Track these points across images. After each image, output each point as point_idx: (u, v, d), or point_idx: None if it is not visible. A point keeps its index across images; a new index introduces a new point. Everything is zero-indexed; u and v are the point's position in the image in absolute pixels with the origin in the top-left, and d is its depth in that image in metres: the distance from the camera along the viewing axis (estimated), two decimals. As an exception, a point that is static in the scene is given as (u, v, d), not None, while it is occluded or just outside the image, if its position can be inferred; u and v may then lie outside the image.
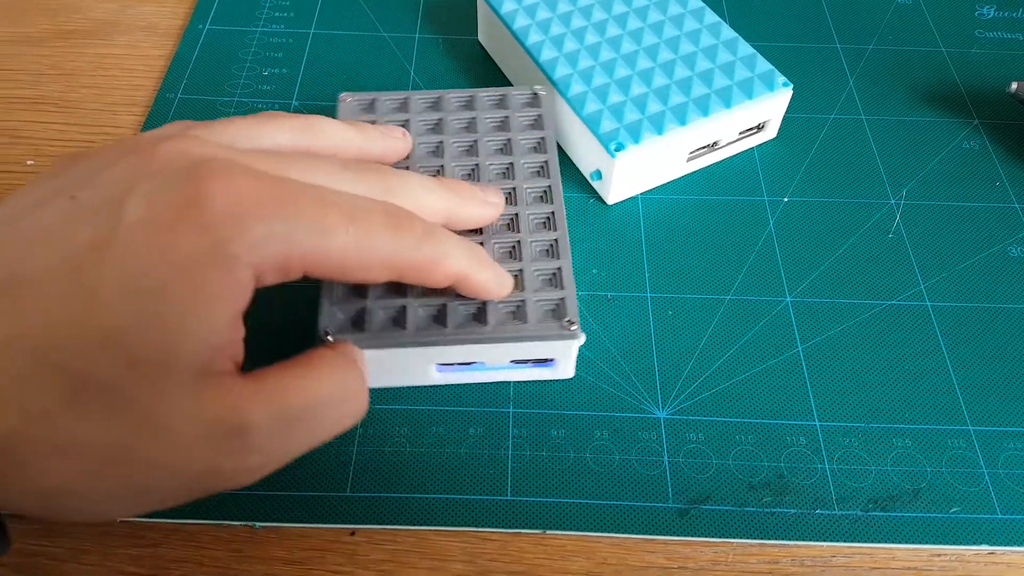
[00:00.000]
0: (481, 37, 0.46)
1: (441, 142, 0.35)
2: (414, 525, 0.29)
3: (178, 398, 0.21)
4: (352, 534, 0.30)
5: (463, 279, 0.27)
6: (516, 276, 0.31)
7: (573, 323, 0.30)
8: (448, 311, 0.30)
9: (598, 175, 0.38)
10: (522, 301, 0.30)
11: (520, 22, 0.41)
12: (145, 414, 0.21)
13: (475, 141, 0.35)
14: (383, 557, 0.29)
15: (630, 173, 0.37)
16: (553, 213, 0.33)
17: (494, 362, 0.31)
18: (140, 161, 0.23)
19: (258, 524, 0.29)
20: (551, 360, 0.32)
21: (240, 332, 0.23)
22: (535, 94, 0.37)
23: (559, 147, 0.40)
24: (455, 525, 0.30)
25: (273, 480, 0.30)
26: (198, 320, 0.21)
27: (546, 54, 0.39)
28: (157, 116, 0.42)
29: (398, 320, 0.30)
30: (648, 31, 0.40)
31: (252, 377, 0.23)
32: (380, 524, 0.29)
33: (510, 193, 0.33)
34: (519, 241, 0.32)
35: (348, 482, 0.30)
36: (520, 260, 0.32)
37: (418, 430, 0.32)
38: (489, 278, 0.28)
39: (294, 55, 0.45)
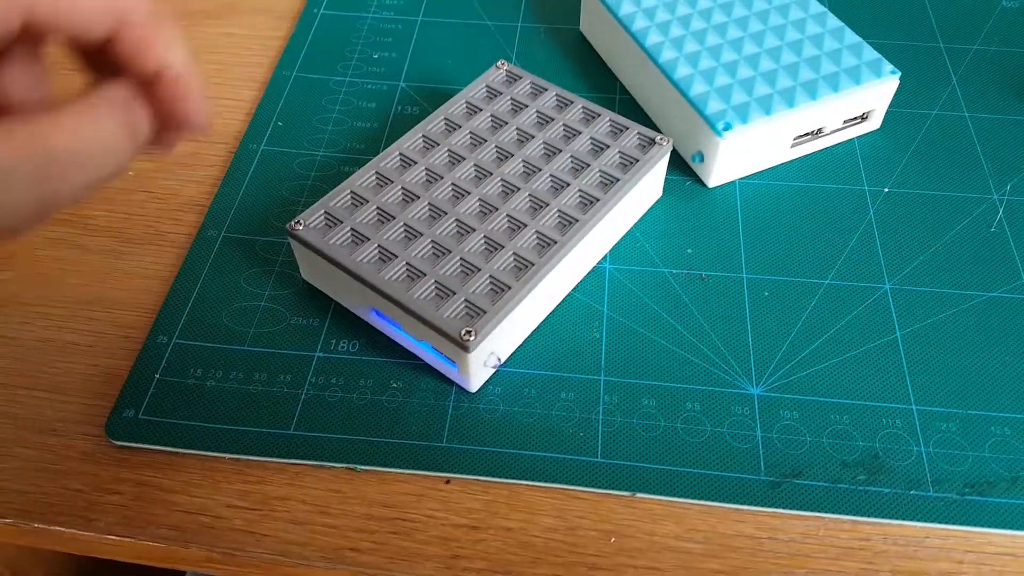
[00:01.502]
0: (583, 27, 0.47)
1: (534, 137, 0.36)
2: (507, 478, 0.30)
3: None
4: (447, 482, 0.31)
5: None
6: (469, 272, 0.31)
7: (471, 335, 0.29)
8: (393, 263, 0.32)
9: (699, 157, 0.38)
10: (453, 293, 0.31)
11: (626, 9, 0.42)
12: None
13: (560, 151, 0.36)
14: (476, 506, 0.30)
15: (735, 155, 0.38)
16: (555, 243, 0.32)
17: (412, 333, 0.32)
18: None
19: (359, 467, 0.31)
20: (454, 361, 0.31)
21: None
22: (653, 140, 0.36)
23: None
24: (546, 481, 0.30)
25: (373, 427, 0.31)
26: None
27: (653, 39, 0.40)
28: (274, 91, 0.44)
29: (355, 245, 0.32)
30: (754, 19, 0.41)
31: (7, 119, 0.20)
32: (474, 475, 0.30)
33: (540, 206, 0.34)
34: (502, 247, 0.32)
35: (444, 433, 0.31)
36: (487, 263, 0.32)
37: (511, 391, 0.32)
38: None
39: (402, 40, 0.47)
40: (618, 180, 0.35)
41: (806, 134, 0.39)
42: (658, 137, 0.36)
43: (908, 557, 0.29)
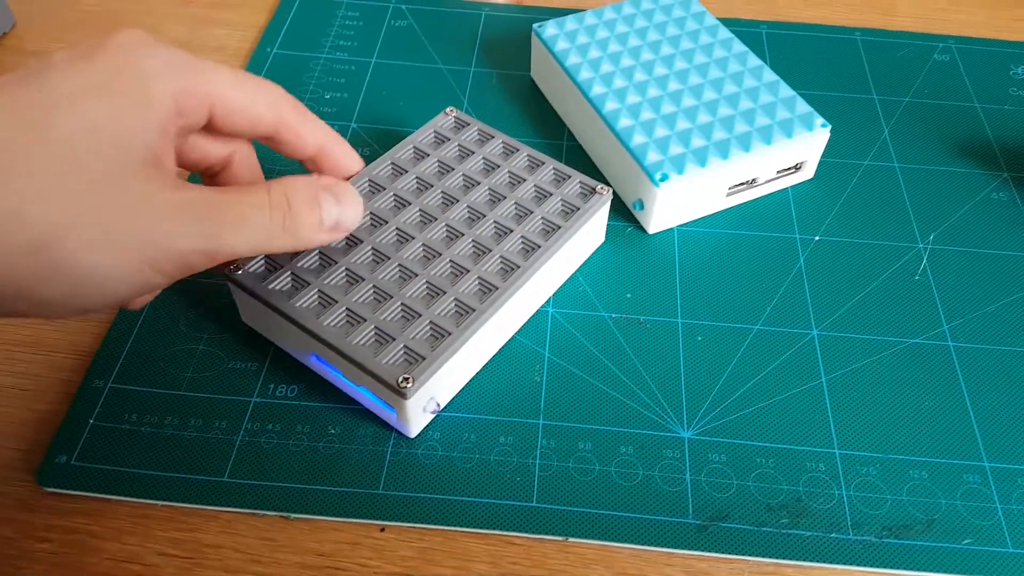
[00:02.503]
0: (534, 74, 0.48)
1: (479, 183, 0.37)
2: (442, 525, 0.31)
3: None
4: (382, 530, 0.31)
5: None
6: (410, 318, 0.32)
7: (409, 382, 0.30)
8: (333, 308, 0.32)
9: (640, 205, 0.39)
10: (392, 339, 0.31)
11: (572, 60, 0.43)
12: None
13: (504, 197, 0.36)
14: (410, 554, 0.30)
15: (672, 203, 0.39)
16: (496, 288, 0.33)
17: (351, 379, 0.32)
18: None
19: (292, 515, 0.31)
20: (393, 407, 0.32)
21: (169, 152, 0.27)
22: (594, 189, 0.37)
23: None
24: (481, 527, 0.31)
25: (308, 474, 0.31)
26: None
27: (596, 90, 0.41)
28: (221, 131, 0.44)
29: (295, 291, 0.33)
30: (694, 71, 0.42)
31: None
32: (409, 522, 0.31)
33: (483, 252, 0.34)
34: (443, 292, 0.33)
35: (381, 480, 0.32)
36: (428, 308, 0.32)
37: (450, 435, 0.33)
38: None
39: (355, 81, 0.48)
40: (560, 227, 0.35)
41: (741, 184, 0.40)
42: (598, 187, 0.37)
43: (829, 600, 0.30)
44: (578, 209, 0.36)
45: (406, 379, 0.30)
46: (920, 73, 0.50)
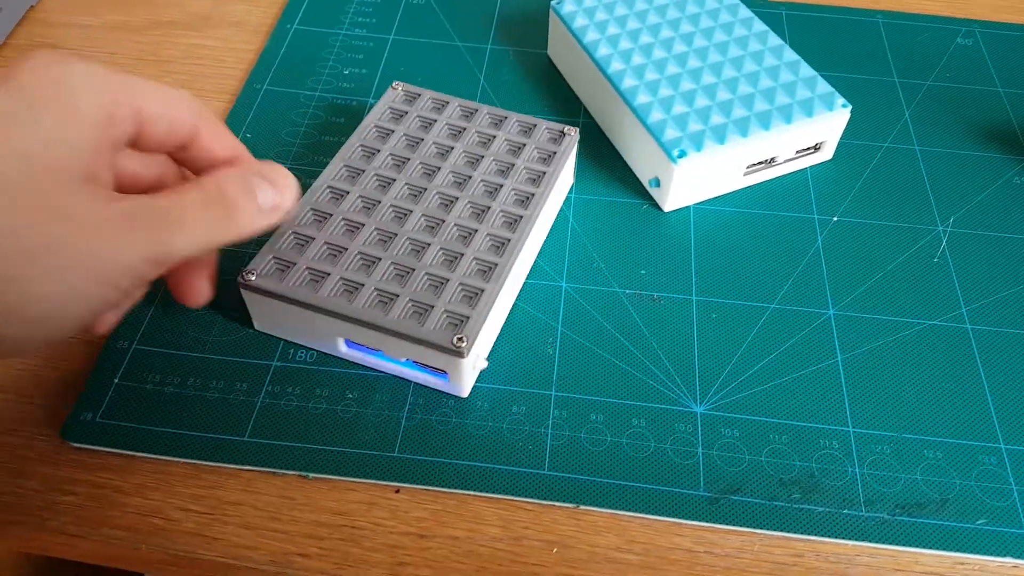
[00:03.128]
0: (550, 51, 0.48)
1: (452, 148, 0.38)
2: (455, 488, 0.31)
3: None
4: (397, 491, 0.31)
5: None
6: (439, 284, 0.33)
7: (464, 340, 0.31)
8: (361, 291, 0.32)
9: (656, 182, 0.40)
10: (431, 306, 0.32)
11: (591, 36, 0.43)
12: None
13: (482, 156, 0.37)
14: (423, 515, 0.31)
15: (689, 181, 0.39)
16: (509, 240, 0.34)
17: (394, 355, 0.33)
18: None
19: (311, 474, 0.31)
20: (444, 372, 0.32)
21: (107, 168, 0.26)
22: (563, 132, 0.38)
23: (622, 156, 0.43)
24: (493, 492, 0.31)
25: (327, 436, 0.32)
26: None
27: (615, 66, 0.41)
28: (244, 104, 0.45)
29: (317, 283, 0.32)
30: (713, 50, 0.42)
31: None
32: (424, 484, 0.31)
33: (483, 211, 0.35)
34: (462, 255, 0.34)
35: (397, 444, 0.32)
36: (453, 271, 0.33)
37: (464, 404, 0.33)
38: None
39: (373, 58, 0.48)
40: (544, 173, 0.37)
41: (759, 163, 0.40)
42: (566, 128, 0.38)
43: (839, 574, 0.30)
44: (555, 153, 0.38)
45: (460, 339, 0.31)
46: (943, 57, 0.49)
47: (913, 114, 0.46)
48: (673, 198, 0.40)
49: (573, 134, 0.38)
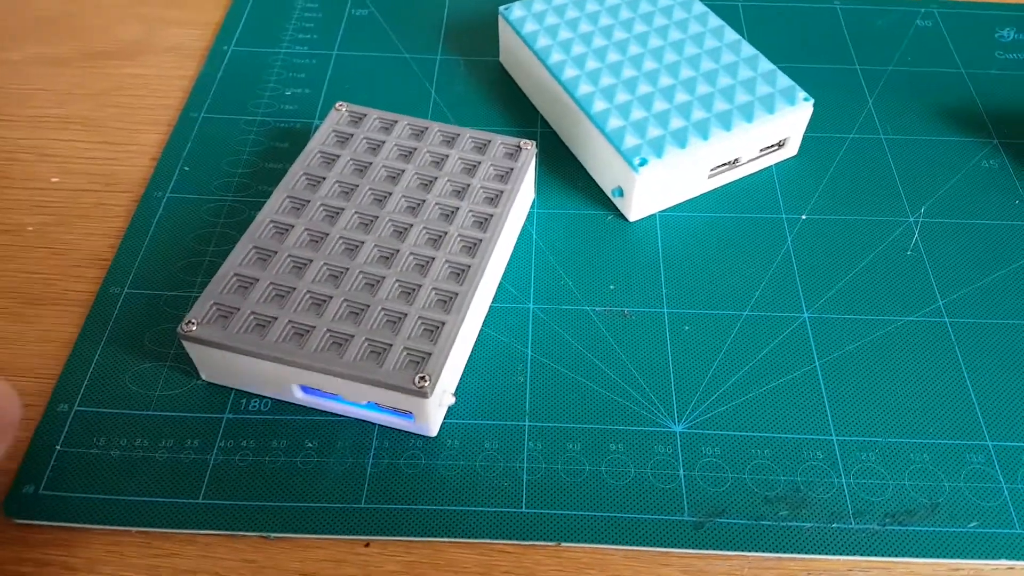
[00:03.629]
0: (503, 58, 0.46)
1: (404, 171, 0.36)
2: (429, 536, 0.29)
3: None
4: (367, 545, 0.30)
5: None
6: (396, 319, 0.31)
7: (426, 379, 0.29)
8: (312, 333, 0.30)
9: (620, 192, 0.38)
10: (389, 345, 0.30)
11: (542, 42, 0.41)
12: None
13: (436, 178, 0.35)
14: (397, 568, 0.29)
15: (652, 189, 0.37)
16: (469, 267, 0.32)
17: (353, 398, 0.31)
18: None
19: (272, 535, 0.30)
20: (409, 412, 0.31)
21: None
22: (519, 147, 0.37)
23: (583, 166, 0.41)
24: (469, 537, 0.29)
25: (287, 491, 0.30)
26: None
27: (568, 73, 0.40)
28: (180, 134, 0.42)
29: (263, 328, 0.30)
30: (669, 49, 0.41)
31: None
32: (395, 535, 0.29)
33: (440, 236, 0.33)
34: (419, 286, 0.32)
35: (363, 494, 0.30)
36: (411, 304, 0.31)
37: (433, 443, 0.32)
38: None
39: (316, 76, 0.46)
40: (503, 192, 0.35)
41: (723, 164, 0.39)
42: (522, 142, 0.37)
43: (833, 594, 0.29)
44: (512, 170, 0.36)
45: (423, 378, 0.29)
46: (903, 40, 0.48)
47: (877, 102, 0.45)
48: (637, 207, 0.38)
49: (530, 148, 0.37)
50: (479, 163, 0.36)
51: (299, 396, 0.32)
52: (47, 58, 0.48)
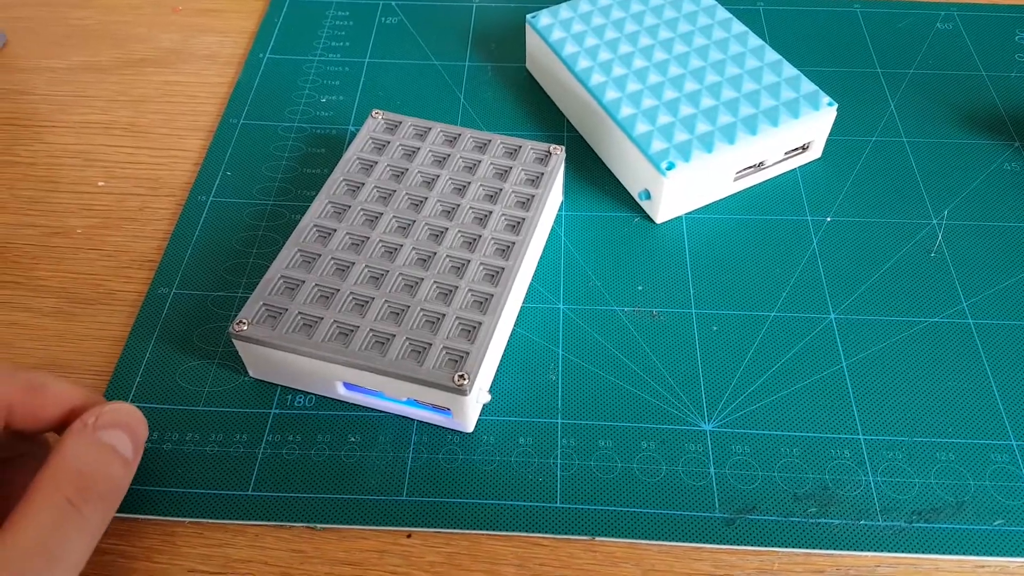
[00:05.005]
0: (529, 65, 0.47)
1: (438, 176, 0.37)
2: (467, 529, 0.31)
3: None
4: (408, 536, 0.31)
5: None
6: (435, 320, 0.32)
7: (465, 378, 0.30)
8: (356, 333, 0.31)
9: (647, 195, 0.39)
10: (429, 344, 0.31)
11: (569, 49, 0.42)
12: None
13: (469, 183, 0.37)
14: (438, 559, 0.30)
15: (679, 192, 0.38)
16: (503, 269, 0.33)
17: (394, 395, 0.32)
18: None
19: (319, 525, 0.31)
20: (447, 408, 0.32)
21: None
22: (548, 152, 0.38)
23: (610, 170, 0.42)
24: (506, 530, 0.31)
25: (332, 483, 0.31)
26: None
27: (595, 79, 0.41)
28: (221, 141, 0.44)
29: (310, 328, 0.32)
30: (694, 55, 0.42)
31: None
32: (435, 527, 0.31)
33: (474, 239, 0.35)
34: (456, 287, 0.33)
35: (404, 486, 0.31)
36: (448, 305, 0.32)
37: (469, 439, 0.33)
38: None
39: (350, 83, 0.47)
40: (533, 196, 0.36)
41: (748, 167, 0.40)
42: (551, 147, 0.38)
43: (860, 587, 0.29)
44: (542, 174, 0.37)
45: (462, 376, 0.30)
46: (923, 43, 0.49)
47: (899, 105, 0.45)
48: (664, 210, 0.39)
49: (559, 153, 0.38)
50: (510, 168, 0.37)
51: (342, 392, 0.33)
52: (89, 66, 0.49)
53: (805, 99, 0.40)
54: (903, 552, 0.30)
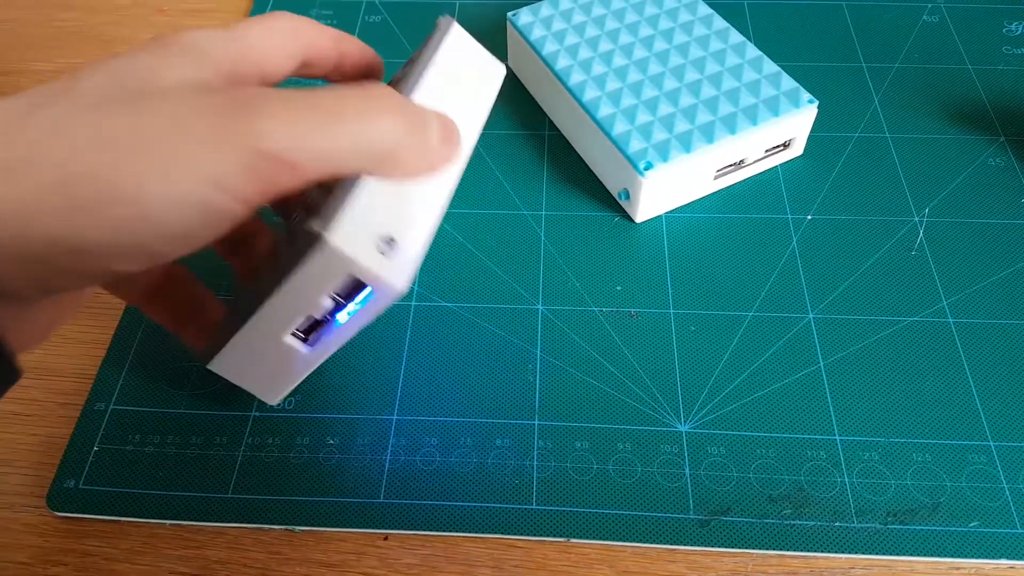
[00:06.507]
0: (510, 62, 0.47)
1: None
2: (444, 531, 0.31)
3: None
4: (385, 538, 0.31)
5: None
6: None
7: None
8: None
9: (626, 195, 0.39)
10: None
11: (549, 48, 0.42)
12: None
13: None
14: (414, 561, 0.31)
15: (658, 191, 0.38)
16: None
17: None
18: None
19: (298, 528, 0.31)
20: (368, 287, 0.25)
21: None
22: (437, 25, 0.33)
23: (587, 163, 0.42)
24: (483, 532, 0.31)
25: (311, 486, 0.32)
26: None
27: (575, 78, 0.41)
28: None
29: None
30: (674, 52, 0.42)
31: None
32: (412, 529, 0.31)
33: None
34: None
35: (382, 489, 0.32)
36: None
37: (447, 440, 0.33)
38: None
39: (334, 81, 0.47)
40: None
41: (728, 165, 0.40)
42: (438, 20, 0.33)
43: (833, 587, 0.30)
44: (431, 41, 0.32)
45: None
46: (909, 37, 0.49)
47: (882, 100, 0.45)
48: (644, 209, 0.39)
49: (443, 23, 0.32)
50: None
51: (304, 352, 0.29)
52: (76, 68, 0.49)
53: (786, 96, 0.39)
54: (878, 554, 0.30)
